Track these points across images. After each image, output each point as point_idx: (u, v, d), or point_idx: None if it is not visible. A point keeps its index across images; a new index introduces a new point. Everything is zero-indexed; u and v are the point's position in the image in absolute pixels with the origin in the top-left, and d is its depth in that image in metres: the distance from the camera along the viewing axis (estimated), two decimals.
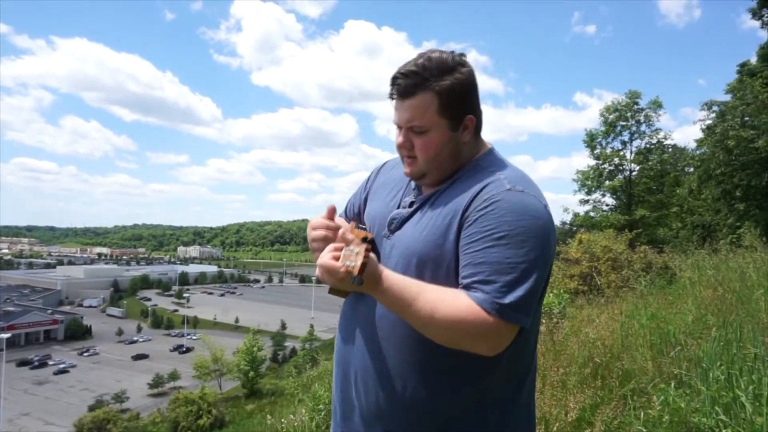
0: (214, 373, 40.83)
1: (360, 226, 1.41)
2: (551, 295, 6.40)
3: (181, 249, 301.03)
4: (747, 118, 13.81)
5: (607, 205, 22.84)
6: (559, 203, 25.73)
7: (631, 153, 22.16)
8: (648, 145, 22.06)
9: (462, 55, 1.27)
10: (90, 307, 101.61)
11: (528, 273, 1.12)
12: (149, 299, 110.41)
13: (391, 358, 1.24)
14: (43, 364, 59.46)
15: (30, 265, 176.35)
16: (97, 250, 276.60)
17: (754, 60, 18.18)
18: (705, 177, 15.94)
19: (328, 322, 76.33)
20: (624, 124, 21.94)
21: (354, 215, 1.57)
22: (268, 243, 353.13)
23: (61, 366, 58.64)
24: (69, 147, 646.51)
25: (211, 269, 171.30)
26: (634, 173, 22.10)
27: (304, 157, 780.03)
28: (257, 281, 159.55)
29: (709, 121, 16.08)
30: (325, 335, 59.11)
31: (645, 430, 2.61)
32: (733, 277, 5.04)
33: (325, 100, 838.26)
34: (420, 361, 1.21)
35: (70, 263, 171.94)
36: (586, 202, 22.80)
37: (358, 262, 1.08)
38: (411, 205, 1.35)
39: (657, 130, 21.88)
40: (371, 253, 1.11)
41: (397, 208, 1.37)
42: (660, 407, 2.70)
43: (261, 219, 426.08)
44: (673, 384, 2.88)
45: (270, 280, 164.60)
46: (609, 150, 22.27)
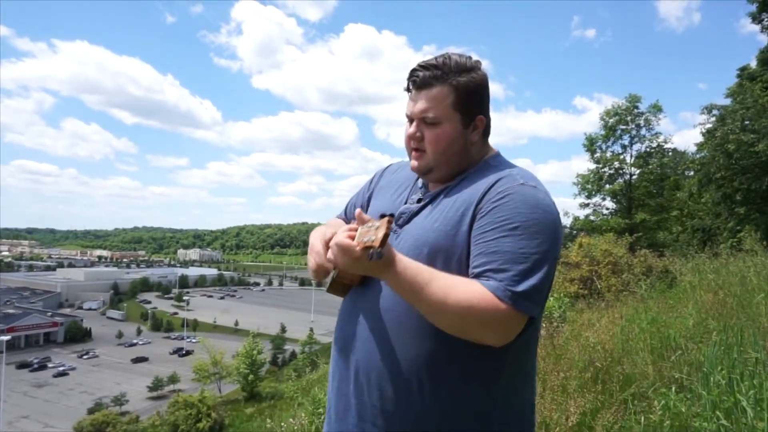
0: (213, 377, 40.72)
1: None
2: (551, 299, 6.40)
3: (181, 252, 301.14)
4: (747, 122, 13.84)
5: (607, 208, 22.91)
6: (559, 207, 24.82)
7: (631, 157, 22.24)
8: (648, 149, 22.12)
9: (478, 62, 1.33)
10: (90, 309, 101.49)
11: (540, 264, 1.14)
12: (149, 302, 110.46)
13: (398, 352, 1.22)
14: (42, 367, 59.29)
15: (30, 268, 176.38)
16: (98, 252, 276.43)
17: (754, 64, 18.22)
18: (705, 181, 15.97)
19: (328, 325, 76.18)
20: (624, 127, 22.02)
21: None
22: (268, 246, 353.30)
23: (61, 368, 58.46)
24: (69, 149, 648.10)
25: (211, 272, 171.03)
26: (635, 177, 22.14)
27: (305, 160, 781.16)
28: (257, 284, 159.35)
29: (709, 125, 16.12)
30: (324, 338, 58.89)
31: None
32: (734, 281, 5.04)
33: (325, 103, 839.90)
34: (428, 354, 1.19)
35: (71, 266, 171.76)
36: (587, 205, 22.89)
37: (380, 234, 1.04)
38: (419, 202, 1.36)
39: (657, 133, 22.02)
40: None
41: (405, 205, 1.38)
42: (661, 412, 2.69)
43: (261, 222, 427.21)
44: (673, 388, 2.88)
45: (270, 283, 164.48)
46: (609, 154, 22.36)
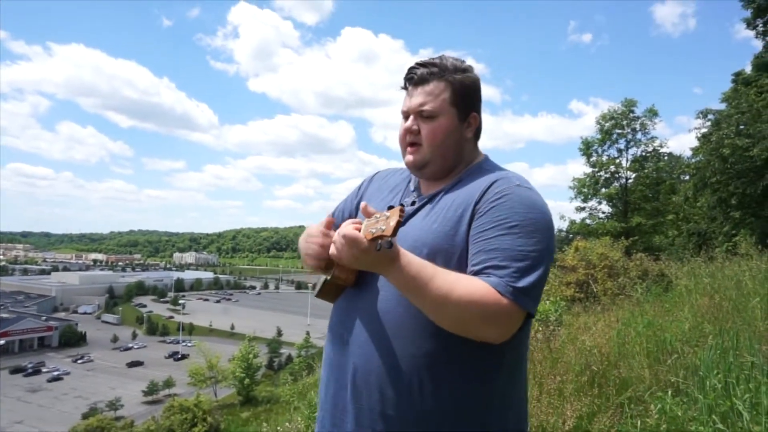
0: (209, 381, 40.55)
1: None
2: (548, 302, 6.40)
3: (177, 255, 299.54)
4: (742, 127, 13.88)
5: (603, 212, 22.98)
6: (555, 210, 25.64)
7: (627, 161, 22.32)
8: (644, 153, 22.21)
9: (471, 66, 1.40)
10: (85, 313, 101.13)
11: (538, 262, 1.17)
12: (144, 306, 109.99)
13: (398, 353, 1.21)
14: (36, 372, 58.95)
15: (25, 272, 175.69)
16: (93, 256, 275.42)
17: (748, 69, 18.29)
18: (700, 185, 16.01)
19: (325, 328, 73.61)
20: (620, 132, 22.10)
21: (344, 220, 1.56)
22: (265, 249, 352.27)
23: (55, 373, 58.13)
24: (65, 153, 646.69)
25: (207, 276, 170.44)
26: (630, 181, 22.22)
27: (301, 163, 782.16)
28: (253, 288, 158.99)
29: (704, 130, 16.21)
30: (321, 342, 58.62)
31: None
32: (729, 285, 5.05)
33: (321, 106, 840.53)
34: (428, 354, 1.20)
35: (65, 269, 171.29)
36: (583, 209, 22.94)
37: (392, 223, 1.02)
38: (413, 204, 1.37)
39: (653, 138, 22.11)
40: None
41: None
42: (657, 415, 2.70)
43: (257, 225, 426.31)
44: (670, 392, 2.88)
45: (266, 286, 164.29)
46: (605, 158, 22.41)
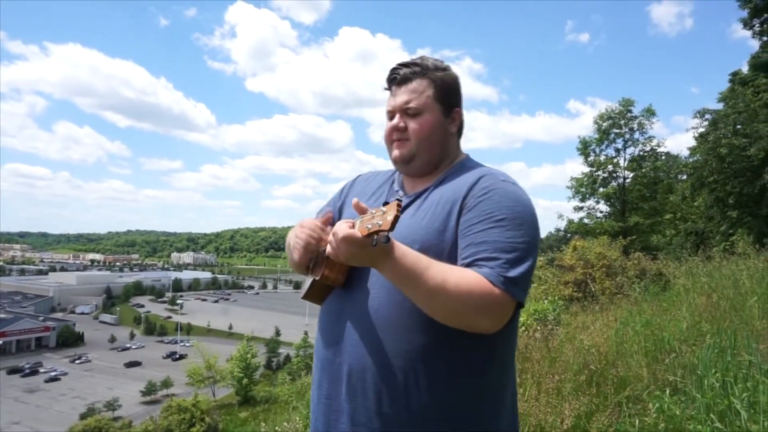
0: (207, 381, 40.49)
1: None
2: (546, 301, 6.40)
3: (174, 255, 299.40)
4: (739, 126, 13.91)
5: (601, 212, 23.04)
6: (553, 210, 25.77)
7: (624, 160, 22.39)
8: (641, 153, 22.27)
9: (449, 66, 1.45)
10: (82, 313, 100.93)
11: (527, 253, 1.21)
12: (142, 306, 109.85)
13: (391, 350, 1.22)
14: (34, 372, 58.83)
15: (22, 272, 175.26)
16: (90, 256, 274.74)
17: (745, 69, 18.33)
18: (698, 184, 16.05)
19: None
20: (617, 131, 22.16)
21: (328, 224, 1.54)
22: (263, 249, 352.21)
23: (53, 373, 58.03)
24: (62, 153, 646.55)
25: (204, 275, 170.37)
26: (628, 180, 22.27)
27: (299, 163, 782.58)
28: (251, 288, 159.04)
29: (701, 129, 16.22)
30: None
31: None
32: (727, 284, 5.07)
33: (319, 106, 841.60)
34: (421, 349, 1.21)
35: (63, 270, 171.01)
36: (581, 209, 23.00)
37: (389, 218, 1.01)
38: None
39: (650, 137, 22.18)
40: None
41: None
42: (655, 414, 2.70)
43: (255, 225, 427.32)
44: (668, 391, 2.88)
45: (264, 286, 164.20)
46: (603, 157, 22.47)
